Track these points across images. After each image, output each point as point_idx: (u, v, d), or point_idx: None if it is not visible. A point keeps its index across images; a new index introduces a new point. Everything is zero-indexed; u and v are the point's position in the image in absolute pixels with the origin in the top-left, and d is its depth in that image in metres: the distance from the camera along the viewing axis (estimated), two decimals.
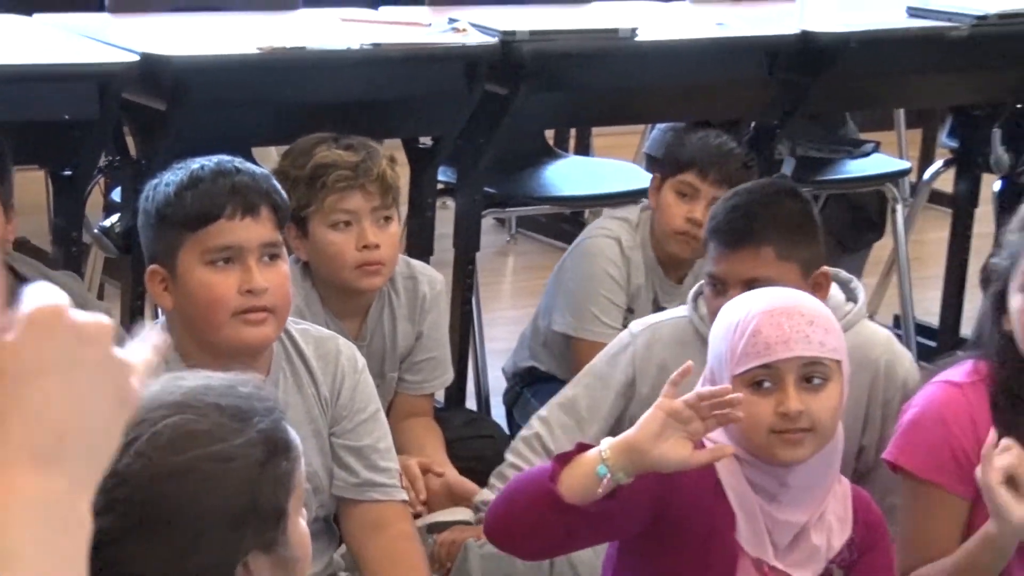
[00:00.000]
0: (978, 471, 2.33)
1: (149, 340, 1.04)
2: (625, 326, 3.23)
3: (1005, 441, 2.32)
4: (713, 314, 2.84)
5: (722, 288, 2.86)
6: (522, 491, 2.23)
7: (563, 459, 2.18)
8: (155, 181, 2.53)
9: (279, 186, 2.58)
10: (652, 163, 4.51)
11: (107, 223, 3.46)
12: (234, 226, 2.42)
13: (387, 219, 3.06)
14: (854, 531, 2.35)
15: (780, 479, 2.29)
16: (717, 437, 2.28)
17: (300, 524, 1.78)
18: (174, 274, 2.43)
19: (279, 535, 1.73)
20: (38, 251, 3.71)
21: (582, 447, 2.19)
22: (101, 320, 0.97)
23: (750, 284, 2.81)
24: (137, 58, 3.15)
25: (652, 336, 2.95)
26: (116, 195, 3.61)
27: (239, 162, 2.54)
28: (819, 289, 2.85)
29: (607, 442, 2.16)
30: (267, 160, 4.41)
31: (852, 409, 2.75)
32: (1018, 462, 2.27)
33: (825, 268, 2.93)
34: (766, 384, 2.26)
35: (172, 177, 2.48)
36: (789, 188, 3.10)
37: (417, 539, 2.64)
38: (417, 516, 2.90)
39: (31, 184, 4.65)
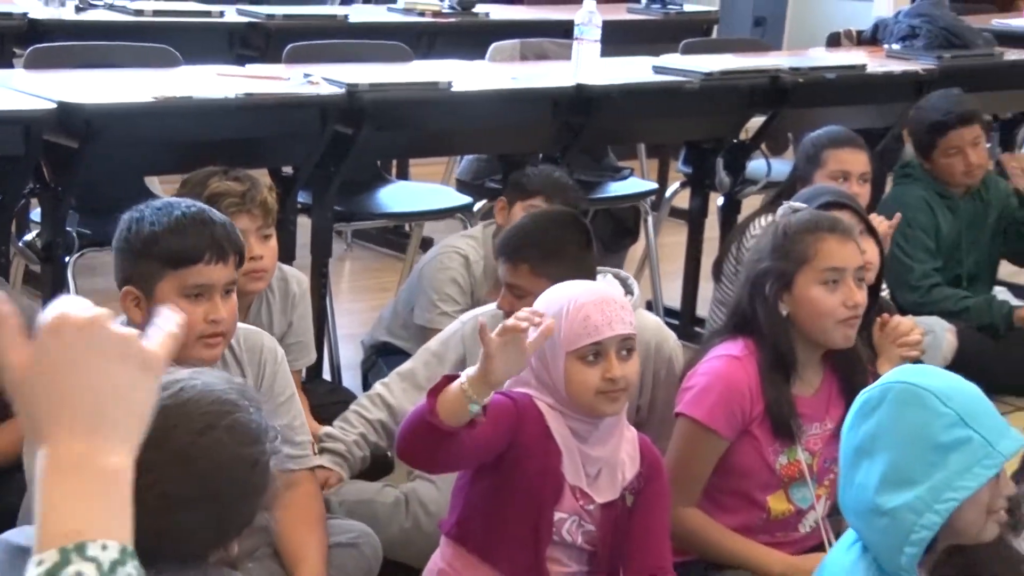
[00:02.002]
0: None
1: (166, 320, 1.02)
2: None
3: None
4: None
5: (509, 291, 2.82)
6: (413, 424, 2.16)
7: (434, 391, 2.13)
8: (135, 216, 2.38)
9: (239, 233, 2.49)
10: (464, 186, 4.53)
11: (28, 238, 3.36)
12: (209, 269, 2.34)
13: (267, 236, 3.00)
14: (641, 466, 2.35)
15: (591, 425, 2.29)
16: (547, 399, 2.29)
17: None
18: (149, 297, 2.31)
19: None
20: None
21: (448, 379, 2.14)
22: (97, 311, 0.96)
23: (512, 290, 2.78)
24: (54, 105, 3.08)
25: (476, 323, 2.90)
26: (35, 215, 3.54)
27: (213, 213, 2.44)
28: None
29: (466, 375, 2.11)
30: (153, 187, 4.36)
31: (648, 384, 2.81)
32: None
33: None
34: (591, 357, 2.26)
35: (155, 218, 2.36)
36: (568, 218, 2.97)
37: (319, 496, 2.56)
38: None
39: None
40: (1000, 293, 4.43)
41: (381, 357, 3.63)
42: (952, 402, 1.96)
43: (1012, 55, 5.26)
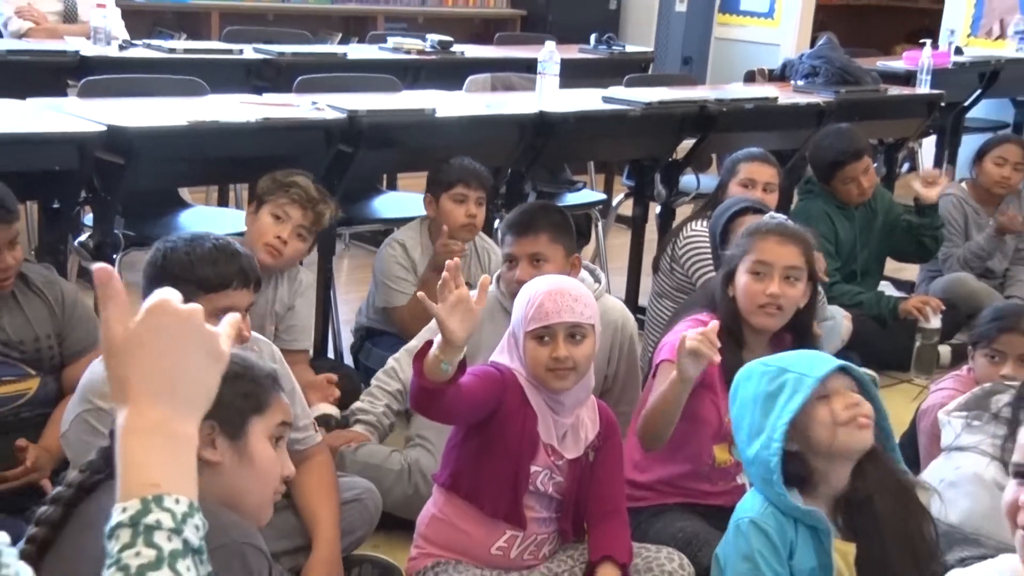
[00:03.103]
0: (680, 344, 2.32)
1: (230, 322, 1.04)
2: None
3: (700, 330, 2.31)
4: (506, 283, 2.88)
5: (514, 263, 2.86)
6: (412, 386, 2.17)
7: (418, 358, 2.13)
8: (169, 246, 2.35)
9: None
10: None
11: (82, 239, 3.34)
12: (236, 294, 2.32)
13: (302, 237, 3.04)
14: (600, 427, 2.37)
15: (557, 397, 2.30)
16: (518, 368, 2.30)
17: (266, 447, 1.72)
18: None
19: (242, 432, 1.68)
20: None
21: (428, 345, 2.13)
22: (194, 307, 0.98)
23: (533, 258, 2.90)
24: (103, 128, 3.07)
25: None
26: (87, 220, 3.52)
27: (237, 245, 2.43)
28: (574, 268, 2.88)
29: (436, 342, 2.10)
30: (184, 195, 4.33)
31: (602, 352, 2.80)
32: (699, 342, 2.28)
33: (577, 254, 2.95)
34: (545, 338, 2.27)
35: (190, 248, 2.32)
36: (554, 205, 3.17)
37: (330, 464, 2.55)
38: None
39: None
40: (887, 287, 4.50)
41: (367, 340, 3.63)
42: (774, 362, 2.07)
43: (893, 90, 5.32)
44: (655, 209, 4.50)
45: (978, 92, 6.34)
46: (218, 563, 0.95)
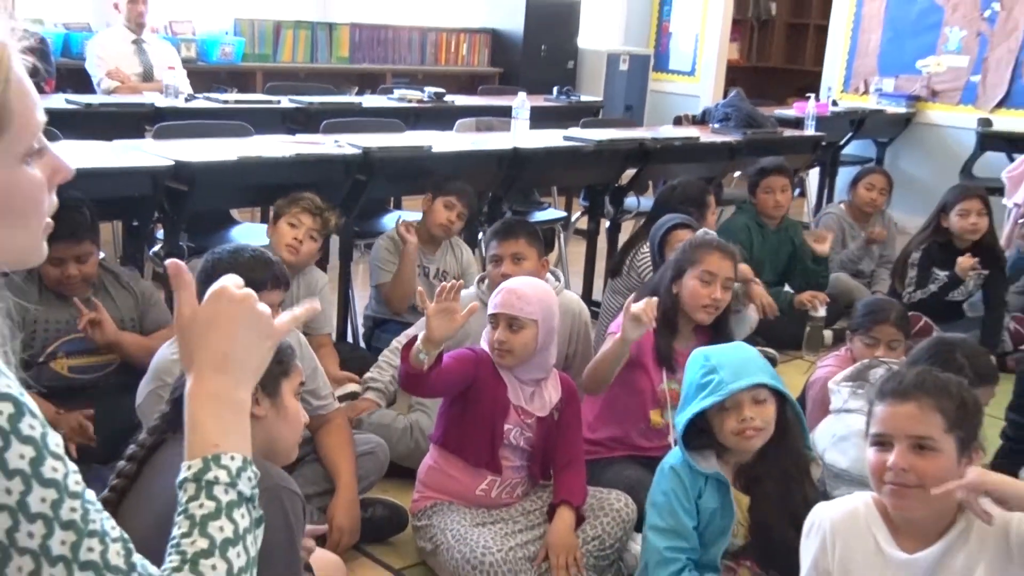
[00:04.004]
0: (625, 310, 2.33)
1: (296, 310, 1.00)
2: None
3: (643, 303, 2.31)
4: (491, 279, 2.82)
5: (500, 262, 2.83)
6: (400, 371, 2.18)
7: (406, 348, 2.14)
8: (216, 257, 2.31)
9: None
10: None
11: (155, 250, 3.36)
12: (270, 294, 2.28)
13: (313, 238, 3.01)
14: (562, 393, 2.35)
15: (516, 372, 2.29)
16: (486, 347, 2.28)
17: (293, 401, 1.70)
18: None
19: (276, 390, 1.67)
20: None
21: (413, 339, 2.13)
22: (248, 291, 0.94)
23: (514, 257, 2.87)
24: (172, 163, 3.05)
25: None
26: (159, 235, 3.49)
27: (270, 254, 2.40)
28: (543, 268, 2.87)
29: (420, 338, 2.11)
30: (234, 215, 4.27)
31: (564, 336, 2.79)
32: (644, 309, 2.29)
33: (545, 258, 2.94)
34: (493, 324, 2.27)
35: (232, 259, 2.29)
36: (527, 220, 3.10)
37: (347, 424, 2.52)
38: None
39: (103, 230, 4.50)
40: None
41: (375, 328, 3.60)
42: (712, 359, 2.03)
43: (787, 132, 5.30)
44: (605, 224, 4.50)
45: (850, 134, 6.38)
46: (261, 503, 0.91)
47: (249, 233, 3.89)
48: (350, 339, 3.82)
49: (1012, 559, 1.49)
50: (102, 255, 3.07)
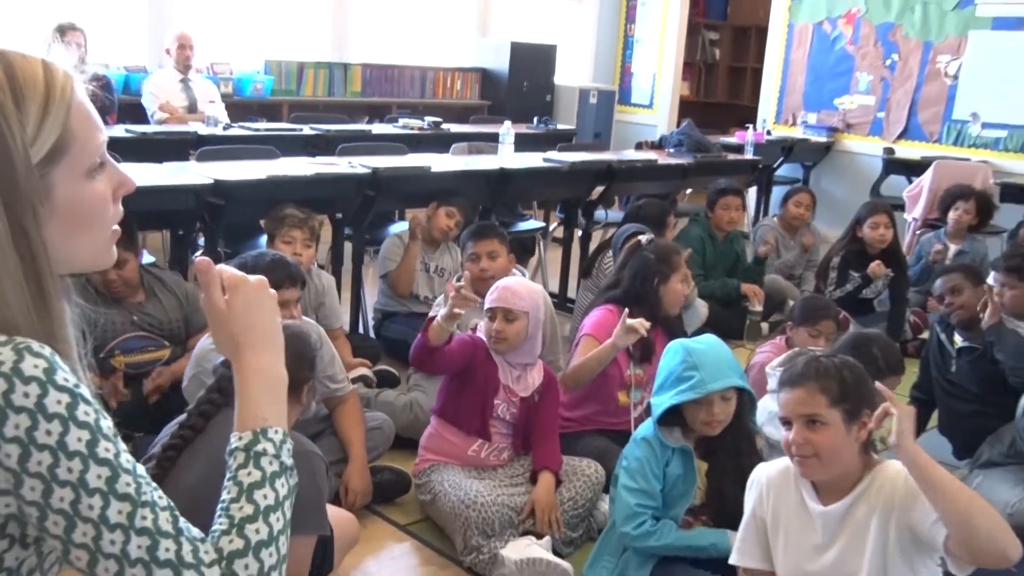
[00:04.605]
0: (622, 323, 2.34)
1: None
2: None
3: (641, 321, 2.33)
4: (471, 275, 2.80)
5: (477, 259, 2.82)
6: (416, 346, 2.16)
7: (425, 327, 2.13)
8: (242, 261, 2.27)
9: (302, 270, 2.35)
10: None
11: (196, 256, 3.30)
12: (287, 291, 2.25)
13: (308, 245, 2.93)
14: (543, 379, 2.36)
15: (507, 357, 2.29)
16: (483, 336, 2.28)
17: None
18: None
19: (305, 387, 1.73)
20: (159, 269, 3.53)
21: (431, 320, 2.14)
22: (259, 277, 0.91)
23: (489, 254, 2.85)
24: (211, 181, 3.03)
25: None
26: (200, 242, 3.46)
27: (288, 257, 2.36)
28: (511, 263, 2.86)
29: (441, 315, 2.10)
30: (264, 225, 4.22)
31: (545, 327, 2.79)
32: (640, 322, 2.31)
33: (512, 254, 2.96)
34: (491, 316, 2.27)
35: (255, 262, 2.25)
36: (495, 223, 3.13)
37: (359, 405, 2.49)
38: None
39: (154, 238, 4.45)
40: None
41: (384, 319, 3.57)
42: (693, 355, 1.99)
43: (731, 157, 5.31)
44: (578, 233, 4.48)
45: (782, 159, 6.41)
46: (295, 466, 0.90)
47: None
48: (361, 330, 3.80)
49: (894, 507, 1.54)
50: (152, 259, 3.06)
